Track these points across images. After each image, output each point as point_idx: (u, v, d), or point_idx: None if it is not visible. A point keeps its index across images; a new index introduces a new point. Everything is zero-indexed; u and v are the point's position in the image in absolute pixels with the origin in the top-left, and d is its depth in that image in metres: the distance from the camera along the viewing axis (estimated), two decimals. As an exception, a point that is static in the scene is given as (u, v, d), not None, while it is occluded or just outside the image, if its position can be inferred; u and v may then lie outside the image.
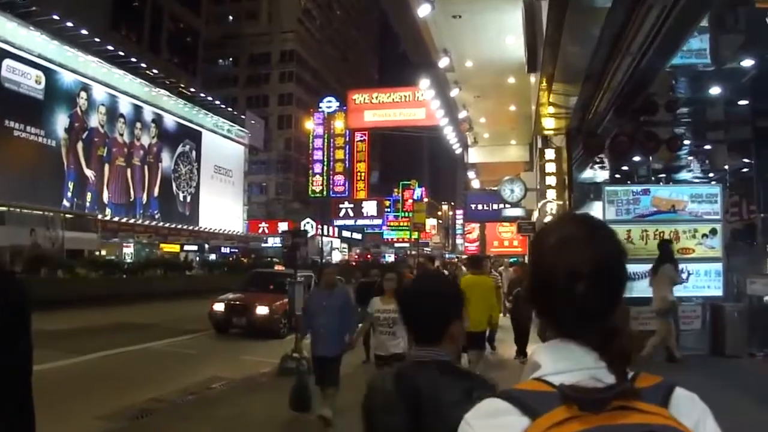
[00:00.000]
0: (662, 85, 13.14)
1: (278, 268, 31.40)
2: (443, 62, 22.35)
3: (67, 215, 51.14)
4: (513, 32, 19.34)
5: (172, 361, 16.44)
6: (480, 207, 38.31)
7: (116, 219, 60.03)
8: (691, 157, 17.63)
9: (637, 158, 16.71)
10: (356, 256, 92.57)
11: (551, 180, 18.78)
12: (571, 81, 13.08)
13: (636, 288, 13.95)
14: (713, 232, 15.42)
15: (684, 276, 14.57)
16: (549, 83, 13.84)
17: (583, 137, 13.74)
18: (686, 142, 15.85)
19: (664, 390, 1.51)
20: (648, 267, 14.08)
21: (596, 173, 18.42)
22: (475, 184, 46.15)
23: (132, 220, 62.37)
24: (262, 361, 16.19)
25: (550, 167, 18.88)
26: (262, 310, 21.14)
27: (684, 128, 15.45)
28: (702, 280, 15.33)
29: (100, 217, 56.69)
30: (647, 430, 1.36)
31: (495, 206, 34.79)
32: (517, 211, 31.55)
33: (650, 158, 15.69)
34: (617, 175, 17.12)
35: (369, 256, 70.49)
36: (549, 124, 16.57)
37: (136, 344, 18.78)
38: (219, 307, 21.92)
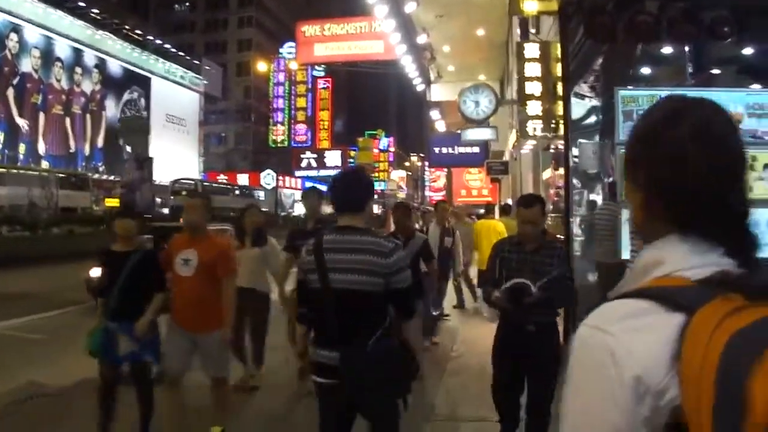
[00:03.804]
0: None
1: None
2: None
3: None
4: None
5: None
6: (445, 150, 33.97)
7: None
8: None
9: (646, 70, 12.25)
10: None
11: (534, 88, 13.91)
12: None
13: None
14: None
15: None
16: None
17: (585, 16, 9.14)
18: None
19: None
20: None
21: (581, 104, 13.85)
22: (440, 126, 41.43)
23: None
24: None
25: (533, 69, 14.04)
26: (148, 275, 15.55)
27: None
28: (763, 234, 10.68)
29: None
30: None
31: (462, 149, 30.54)
32: (485, 133, 24.45)
33: (687, 53, 11.20)
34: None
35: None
36: (531, 6, 12.00)
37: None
38: (97, 272, 16.48)
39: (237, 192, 71.07)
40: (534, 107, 14.12)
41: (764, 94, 10.99)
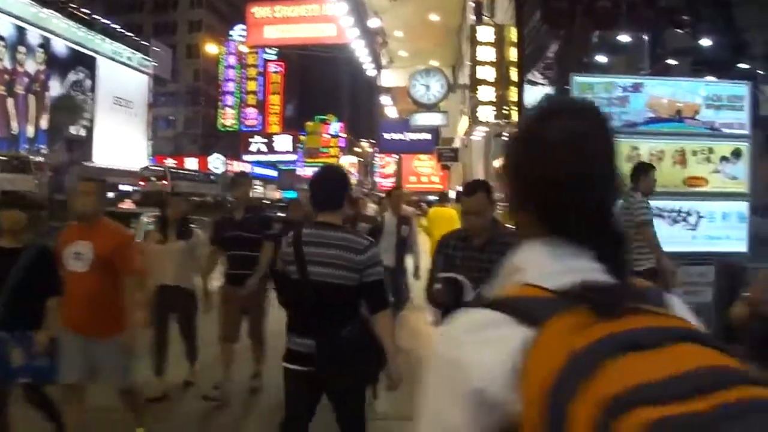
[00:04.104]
0: None
1: (125, 205, 25.93)
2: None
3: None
4: None
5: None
6: (395, 136, 33.63)
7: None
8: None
9: (602, 59, 11.99)
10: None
11: (486, 72, 13.48)
12: None
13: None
14: (737, 154, 9.80)
15: (692, 220, 9.74)
16: None
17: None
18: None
19: (659, 294, 1.40)
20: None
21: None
22: (391, 112, 41.05)
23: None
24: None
25: (486, 53, 13.63)
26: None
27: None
28: (718, 228, 10.26)
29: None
30: (669, 335, 1.20)
31: (412, 136, 30.22)
32: (435, 119, 24.72)
33: (646, 42, 10.94)
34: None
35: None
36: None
37: None
38: None
39: (198, 178, 71.21)
40: (486, 93, 13.67)
41: (721, 85, 10.81)
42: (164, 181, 56.24)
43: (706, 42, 12.93)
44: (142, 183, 55.49)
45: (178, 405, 8.26)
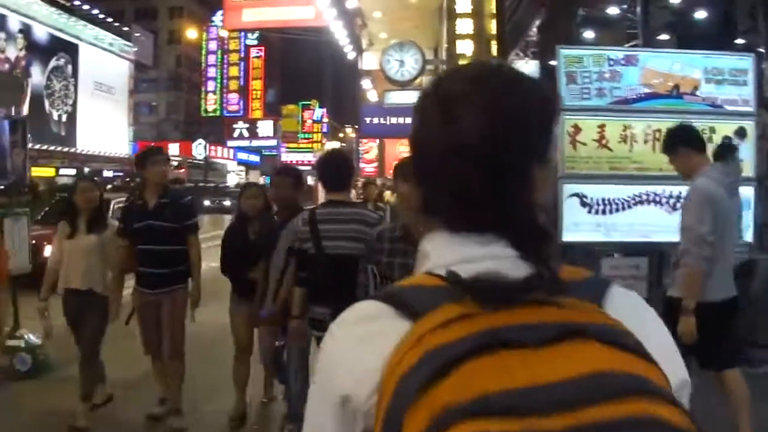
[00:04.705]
0: None
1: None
2: None
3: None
4: None
5: None
6: (376, 120, 32.98)
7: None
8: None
9: (589, 34, 11.28)
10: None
11: (465, 47, 12.51)
12: None
13: (618, 226, 8.63)
14: (741, 133, 8.92)
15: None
16: None
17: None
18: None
19: (598, 285, 1.22)
20: (636, 189, 8.48)
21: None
22: (372, 96, 40.56)
23: None
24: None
25: (465, 26, 12.62)
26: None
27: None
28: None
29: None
30: (562, 330, 1.01)
31: (394, 120, 29.55)
32: (411, 97, 22.38)
33: (640, 15, 10.20)
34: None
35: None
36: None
37: None
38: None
39: (203, 166, 74.62)
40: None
41: (723, 57, 9.98)
42: (182, 169, 56.54)
43: (700, 15, 12.20)
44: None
45: (122, 410, 7.61)
